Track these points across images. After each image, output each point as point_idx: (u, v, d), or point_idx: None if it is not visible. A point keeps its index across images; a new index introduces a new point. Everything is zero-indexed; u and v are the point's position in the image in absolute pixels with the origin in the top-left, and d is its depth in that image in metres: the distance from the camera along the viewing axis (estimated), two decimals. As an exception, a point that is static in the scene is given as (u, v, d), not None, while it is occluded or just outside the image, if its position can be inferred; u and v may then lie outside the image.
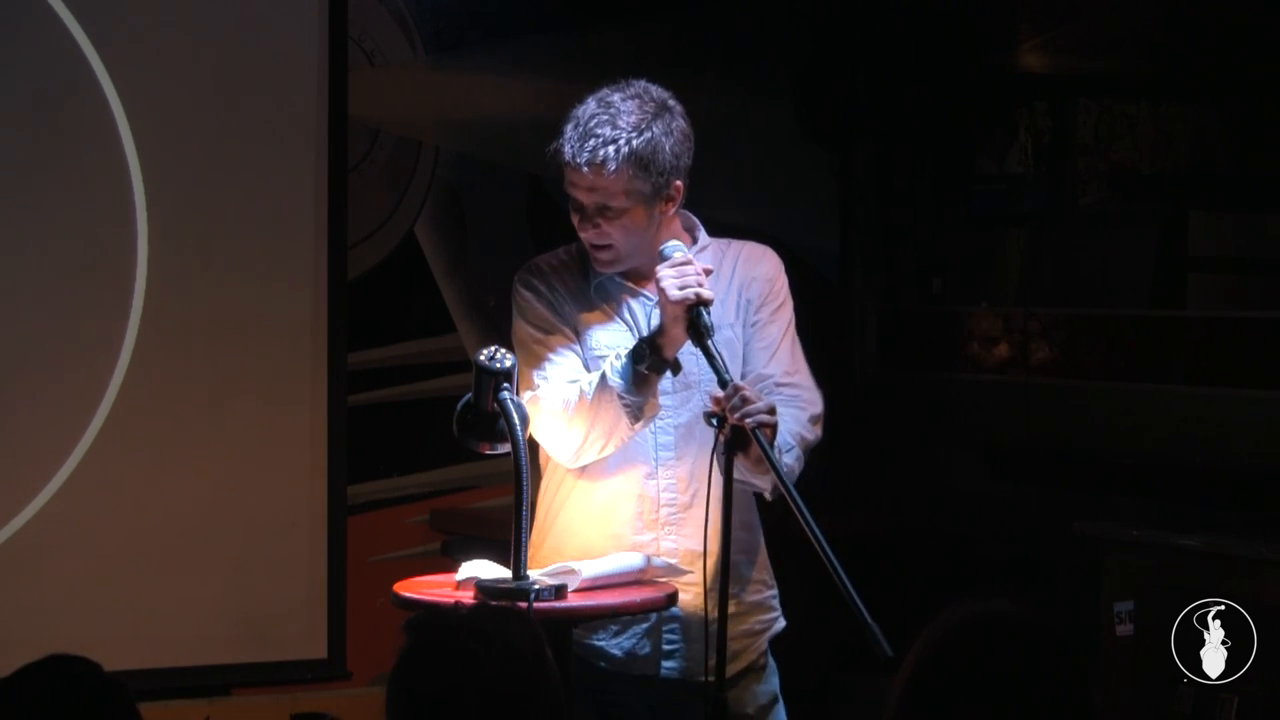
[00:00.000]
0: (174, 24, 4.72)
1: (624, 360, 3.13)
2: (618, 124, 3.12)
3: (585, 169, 3.12)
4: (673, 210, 3.25)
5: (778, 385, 3.29)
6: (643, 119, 3.15)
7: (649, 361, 3.11)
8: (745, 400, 2.98)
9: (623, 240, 3.19)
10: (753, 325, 3.32)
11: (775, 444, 3.04)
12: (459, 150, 5.32)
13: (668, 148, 3.16)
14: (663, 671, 3.24)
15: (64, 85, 4.59)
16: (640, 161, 3.13)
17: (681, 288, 3.07)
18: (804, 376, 3.34)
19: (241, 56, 4.78)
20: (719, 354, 3.06)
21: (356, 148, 5.05)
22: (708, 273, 3.15)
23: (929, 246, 5.92)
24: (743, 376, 3.26)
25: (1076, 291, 5.44)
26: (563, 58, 5.31)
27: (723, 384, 3.02)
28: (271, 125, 4.83)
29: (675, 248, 3.15)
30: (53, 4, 4.57)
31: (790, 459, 3.17)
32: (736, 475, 3.05)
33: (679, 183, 3.22)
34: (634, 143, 3.12)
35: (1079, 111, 6.01)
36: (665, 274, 3.09)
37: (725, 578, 3.02)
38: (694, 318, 3.07)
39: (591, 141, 3.11)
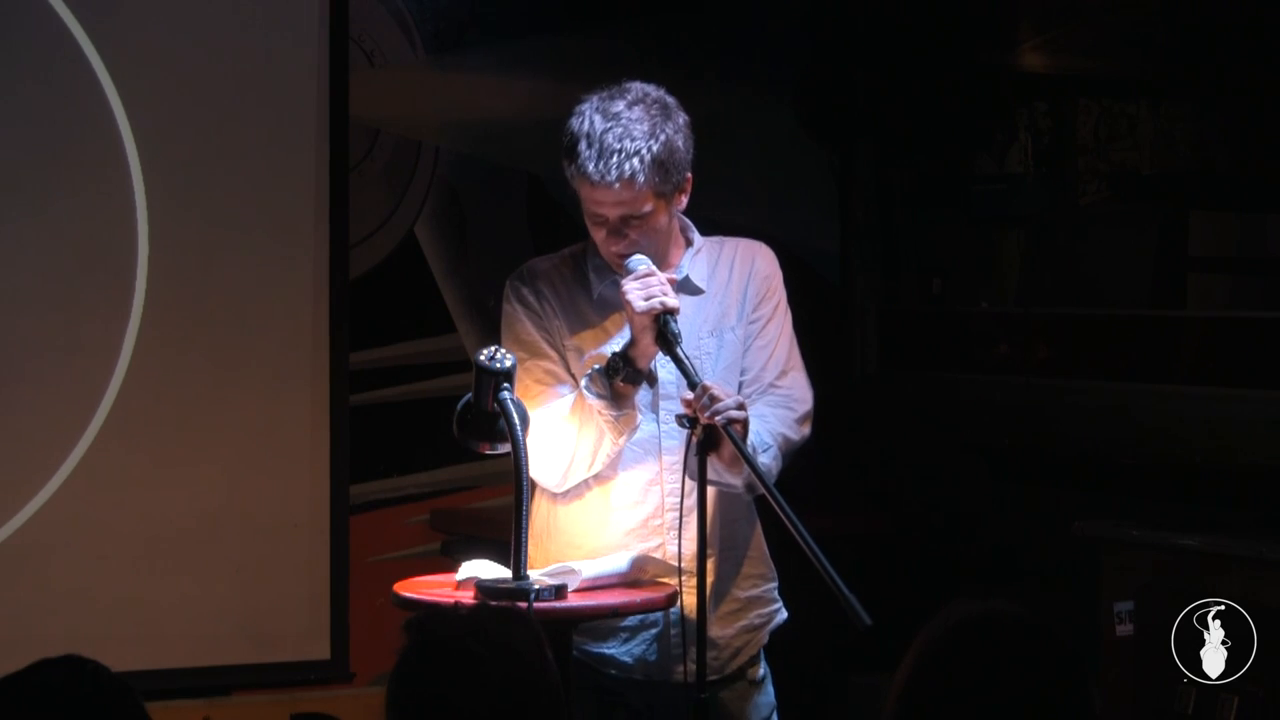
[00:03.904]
0: (174, 24, 4.72)
1: (600, 375, 3.16)
2: (634, 134, 3.13)
3: (616, 185, 3.13)
4: (685, 200, 3.27)
5: (771, 385, 3.32)
6: (654, 123, 3.16)
7: (624, 374, 3.16)
8: (714, 399, 3.03)
9: (650, 242, 3.22)
10: (752, 322, 3.34)
11: (750, 442, 3.10)
12: (459, 150, 5.32)
13: (680, 144, 3.20)
14: (674, 676, 3.25)
15: (64, 85, 4.60)
16: (662, 166, 3.15)
17: (647, 299, 3.11)
18: (797, 374, 3.36)
19: (242, 57, 4.79)
20: (688, 359, 3.10)
21: (356, 148, 5.05)
22: (673, 283, 3.19)
23: (929, 246, 5.93)
24: (742, 373, 3.31)
25: (1076, 291, 5.44)
26: (563, 58, 5.31)
27: (692, 387, 3.06)
28: (271, 125, 4.83)
29: (639, 261, 3.18)
30: (53, 4, 4.57)
31: (767, 458, 3.19)
32: (712, 475, 3.10)
33: (689, 174, 3.25)
34: (654, 149, 3.14)
35: (1079, 111, 6.02)
36: (630, 286, 3.13)
37: (703, 578, 3.05)
38: (661, 327, 3.11)
39: (616, 158, 3.12)
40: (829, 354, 5.66)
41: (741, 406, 3.07)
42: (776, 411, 3.28)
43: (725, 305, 3.34)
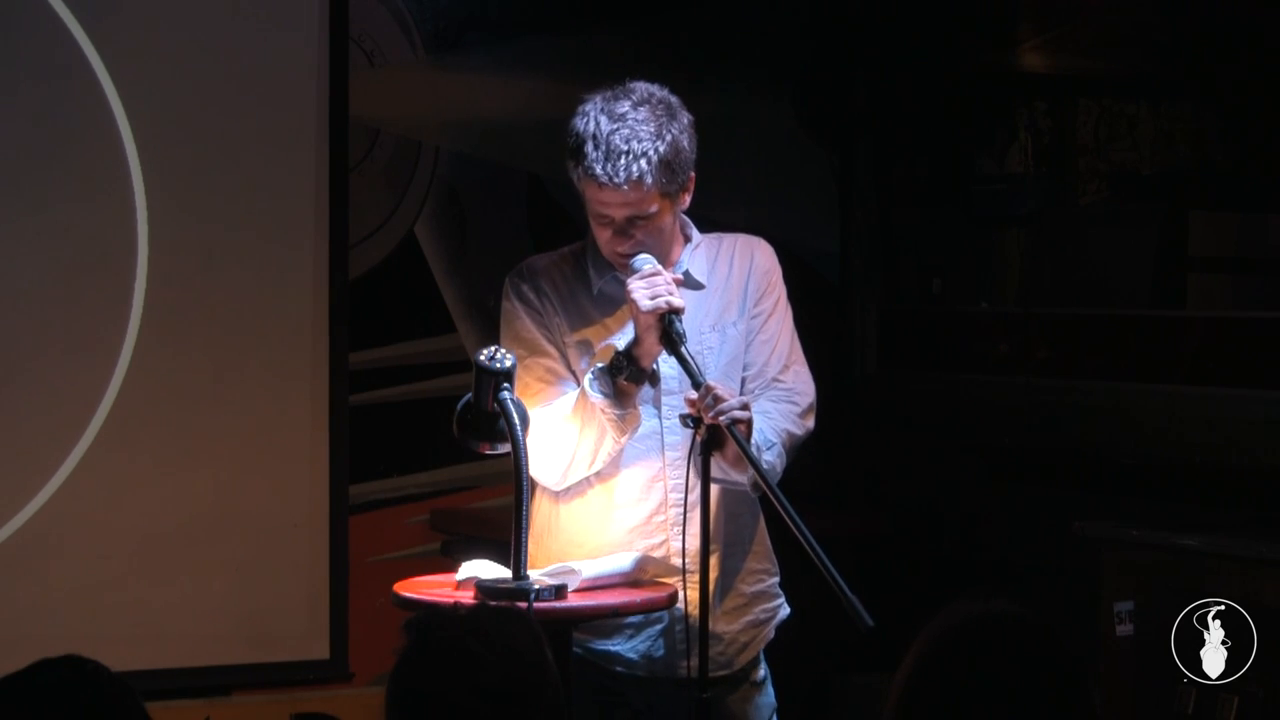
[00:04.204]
0: (174, 24, 4.72)
1: (603, 374, 3.16)
2: (640, 135, 3.13)
3: (624, 187, 3.13)
4: (688, 199, 3.28)
5: (774, 380, 3.33)
6: (660, 124, 3.16)
7: (627, 372, 3.16)
8: (718, 399, 3.03)
9: (655, 241, 3.22)
10: (754, 317, 3.34)
11: (754, 441, 3.11)
12: (459, 150, 5.32)
13: (685, 144, 3.20)
14: (679, 672, 3.25)
15: (64, 85, 4.60)
16: (668, 166, 3.16)
17: (652, 298, 3.11)
18: (799, 368, 3.38)
19: (242, 57, 4.79)
20: (692, 359, 3.10)
21: (356, 148, 5.05)
22: (679, 282, 3.19)
23: (929, 246, 5.92)
24: (744, 368, 3.33)
25: (1076, 291, 5.44)
26: (563, 58, 5.31)
27: (696, 387, 3.06)
28: (271, 125, 4.83)
29: (645, 260, 3.18)
30: (53, 4, 4.57)
31: (771, 456, 3.20)
32: (718, 473, 3.11)
33: (692, 173, 3.25)
34: (661, 150, 3.14)
35: (1079, 111, 6.02)
36: (635, 285, 3.13)
37: (705, 578, 3.06)
38: (666, 326, 3.11)
39: (623, 160, 3.12)
40: (829, 354, 5.66)
41: (745, 406, 3.08)
42: (779, 407, 3.29)
43: (726, 300, 3.34)
